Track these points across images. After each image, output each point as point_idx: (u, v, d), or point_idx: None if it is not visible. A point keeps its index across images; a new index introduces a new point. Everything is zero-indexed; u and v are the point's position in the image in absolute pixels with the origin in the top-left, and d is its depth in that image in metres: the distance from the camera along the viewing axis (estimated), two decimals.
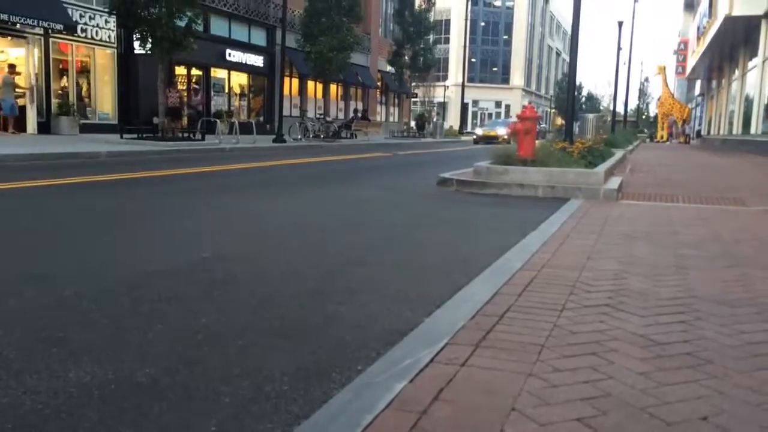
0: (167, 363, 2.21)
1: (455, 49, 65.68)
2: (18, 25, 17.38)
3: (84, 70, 20.93)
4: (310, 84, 31.55)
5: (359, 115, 32.48)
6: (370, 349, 2.39)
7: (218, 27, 25.82)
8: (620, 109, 40.52)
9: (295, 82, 31.15)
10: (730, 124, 30.28)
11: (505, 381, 1.96)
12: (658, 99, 48.06)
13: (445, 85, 58.76)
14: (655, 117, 55.64)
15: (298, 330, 2.61)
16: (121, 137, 18.09)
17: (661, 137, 45.04)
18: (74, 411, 1.84)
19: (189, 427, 1.76)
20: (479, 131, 37.40)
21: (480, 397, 1.84)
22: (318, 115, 28.99)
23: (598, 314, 2.70)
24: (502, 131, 33.78)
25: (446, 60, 67.15)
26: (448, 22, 67.59)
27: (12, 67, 17.98)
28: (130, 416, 1.81)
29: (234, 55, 26.63)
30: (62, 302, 2.89)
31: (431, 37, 39.97)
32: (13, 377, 2.06)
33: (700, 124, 46.68)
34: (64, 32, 18.77)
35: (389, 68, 38.28)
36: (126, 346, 2.36)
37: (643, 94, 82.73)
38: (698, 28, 36.06)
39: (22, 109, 18.26)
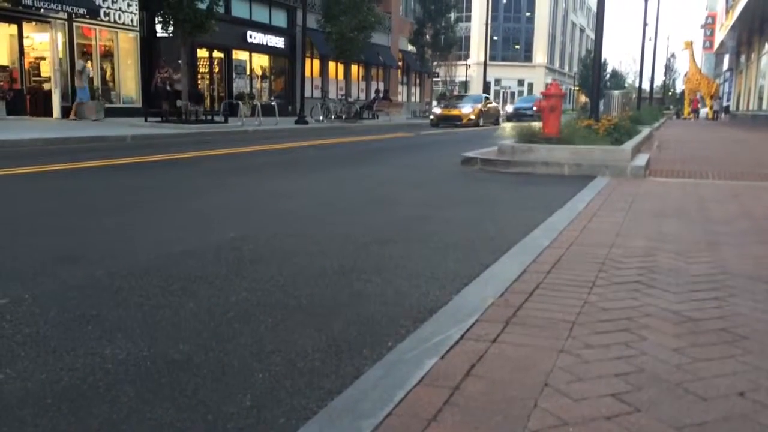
0: (200, 340, 2.23)
1: (477, 27, 64.92)
2: (42, 10, 17.54)
3: (107, 54, 21.09)
4: (331, 65, 31.45)
5: (381, 95, 32.35)
6: (399, 326, 2.40)
7: (239, 9, 25.78)
8: (646, 85, 39.84)
9: (316, 63, 31.06)
10: (760, 99, 29.60)
11: (537, 357, 1.95)
12: (685, 75, 47.15)
13: (467, 64, 58.18)
14: (682, 93, 54.62)
15: (327, 307, 2.62)
16: (146, 120, 18.24)
17: (688, 114, 44.24)
18: (112, 386, 1.87)
19: (225, 401, 1.78)
20: (437, 110, 26.98)
21: (512, 373, 1.84)
22: (339, 96, 28.94)
23: (629, 291, 2.67)
24: (467, 110, 26.09)
25: (468, 38, 66.41)
26: None
27: (85, 56, 18.75)
28: (167, 391, 1.84)
29: (255, 37, 26.61)
30: (95, 282, 2.94)
31: (452, 15, 39.53)
32: (51, 354, 2.11)
33: (728, 100, 45.71)
34: (88, 16, 18.92)
35: (410, 47, 38.01)
36: (159, 324, 2.39)
37: (669, 70, 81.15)
38: (727, 1, 35.21)
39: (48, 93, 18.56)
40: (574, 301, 2.51)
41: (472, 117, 26.19)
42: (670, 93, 78.32)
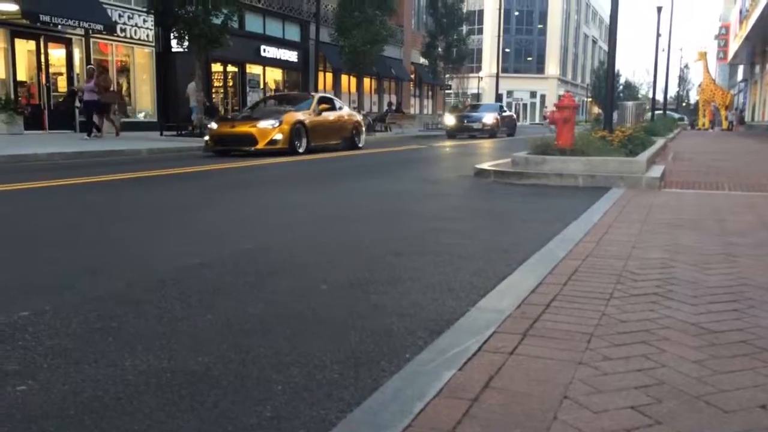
0: (219, 352, 2.25)
1: (489, 40, 65.13)
2: (59, 27, 17.81)
3: (124, 69, 21.38)
4: (344, 78, 31.64)
5: (393, 108, 32.48)
6: (416, 338, 2.41)
7: (253, 23, 26.06)
8: (659, 96, 39.64)
9: (329, 76, 31.24)
10: None
11: (556, 369, 1.95)
12: (699, 85, 46.93)
13: (479, 76, 58.37)
14: (696, 104, 54.39)
15: (344, 319, 2.63)
16: (161, 134, 18.44)
17: (703, 125, 44.00)
18: (133, 398, 1.89)
19: (245, 413, 1.80)
20: (214, 125, 14.06)
21: (531, 385, 1.84)
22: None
23: (647, 303, 2.66)
24: (267, 124, 13.22)
25: (480, 51, 66.63)
26: (481, 12, 67.00)
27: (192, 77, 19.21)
28: (188, 403, 1.86)
29: (268, 51, 26.86)
30: (114, 294, 2.97)
31: (464, 28, 39.71)
32: (73, 365, 2.13)
33: (743, 111, 45.40)
34: (104, 32, 19.18)
35: (422, 60, 38.16)
36: (178, 336, 2.41)
37: (683, 80, 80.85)
38: (740, 12, 35.09)
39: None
40: (592, 313, 2.50)
41: (278, 137, 13.15)
42: (684, 104, 77.94)
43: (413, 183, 8.48)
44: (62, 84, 19.33)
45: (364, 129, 17.08)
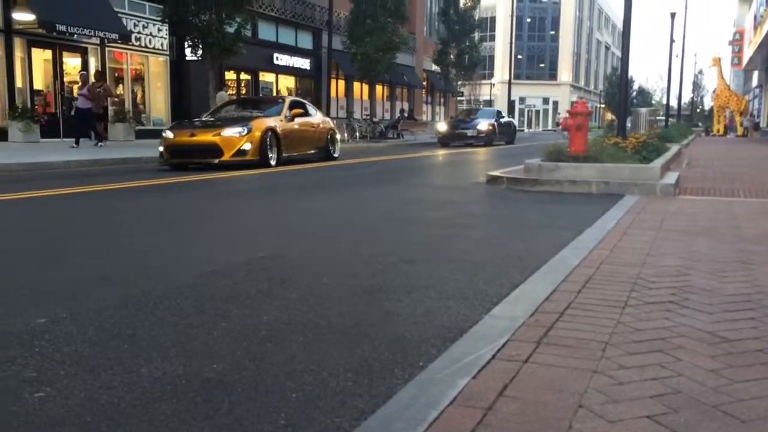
0: (234, 359, 2.26)
1: (501, 46, 65.09)
2: (75, 36, 18.02)
3: (138, 78, 21.59)
4: (356, 85, 31.76)
5: (405, 114, 32.51)
6: (430, 346, 2.40)
7: (266, 32, 26.25)
8: (673, 102, 39.41)
9: (342, 83, 31.39)
10: None
11: (571, 378, 1.94)
12: (714, 91, 46.60)
13: (491, 83, 58.35)
14: (710, 110, 54.03)
15: (357, 327, 2.63)
16: None
17: (717, 131, 43.65)
18: (149, 405, 1.90)
19: (260, 420, 1.80)
20: (169, 132, 12.20)
21: (546, 393, 1.83)
22: (364, 116, 29.18)
23: (662, 311, 2.64)
24: (234, 131, 11.51)
25: (492, 57, 66.63)
26: (493, 19, 67.03)
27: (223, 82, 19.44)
28: (203, 410, 1.87)
29: (281, 59, 27.03)
30: (130, 301, 2.99)
31: (476, 35, 39.74)
32: (89, 373, 2.15)
33: (758, 117, 45.00)
34: (119, 41, 19.37)
35: (435, 67, 38.22)
36: (193, 343, 2.43)
37: (697, 86, 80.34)
38: (755, 18, 34.85)
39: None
40: (606, 321, 2.49)
41: (246, 147, 11.52)
42: (698, 110, 77.44)
43: (424, 190, 8.48)
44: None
45: (338, 137, 15.42)
